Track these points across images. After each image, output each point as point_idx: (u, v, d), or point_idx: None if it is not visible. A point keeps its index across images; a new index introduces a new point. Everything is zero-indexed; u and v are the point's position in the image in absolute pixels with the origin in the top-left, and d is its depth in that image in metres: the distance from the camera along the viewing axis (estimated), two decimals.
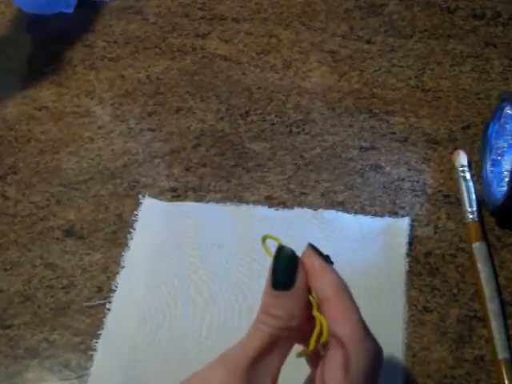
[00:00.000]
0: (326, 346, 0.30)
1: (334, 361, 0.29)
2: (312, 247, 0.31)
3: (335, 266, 0.40)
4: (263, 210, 0.47)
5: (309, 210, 0.47)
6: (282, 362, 0.30)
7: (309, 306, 0.30)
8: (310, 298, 0.30)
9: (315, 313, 0.30)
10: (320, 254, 0.31)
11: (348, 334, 0.28)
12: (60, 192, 0.50)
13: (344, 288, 0.30)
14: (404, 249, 0.44)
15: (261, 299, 0.31)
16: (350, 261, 0.44)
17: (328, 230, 0.45)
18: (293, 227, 0.46)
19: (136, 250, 0.46)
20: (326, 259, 0.31)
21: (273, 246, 0.31)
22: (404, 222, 0.46)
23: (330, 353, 0.29)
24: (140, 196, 0.48)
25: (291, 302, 0.29)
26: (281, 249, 0.30)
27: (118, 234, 0.47)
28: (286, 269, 0.30)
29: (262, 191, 0.49)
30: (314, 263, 0.30)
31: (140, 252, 0.46)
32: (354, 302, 0.30)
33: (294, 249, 0.29)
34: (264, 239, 0.31)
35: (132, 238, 0.46)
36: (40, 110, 0.55)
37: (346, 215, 0.47)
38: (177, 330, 0.42)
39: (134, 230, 0.47)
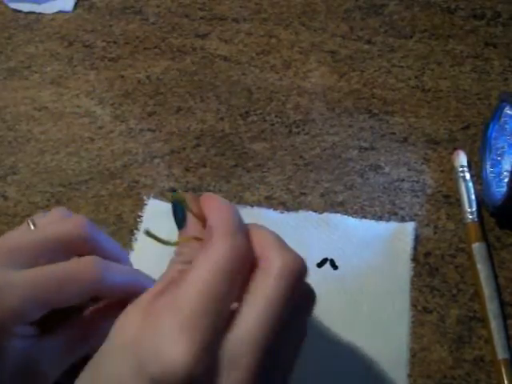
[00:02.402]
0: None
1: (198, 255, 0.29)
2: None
3: (340, 270, 0.40)
4: (267, 213, 0.47)
5: (313, 214, 0.46)
6: None
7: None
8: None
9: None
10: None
11: (216, 225, 0.30)
12: (60, 192, 0.50)
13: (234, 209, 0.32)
14: (409, 253, 0.44)
15: None
16: (355, 265, 0.44)
17: (333, 234, 0.45)
18: (297, 230, 0.45)
19: (140, 252, 0.45)
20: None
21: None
22: (409, 227, 0.45)
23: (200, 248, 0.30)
24: (145, 197, 0.48)
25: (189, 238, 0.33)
26: (173, 198, 0.33)
27: (118, 234, 0.47)
28: (176, 212, 0.34)
29: (262, 191, 0.49)
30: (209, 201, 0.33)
31: (144, 254, 0.45)
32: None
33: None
34: (147, 234, 0.32)
35: (136, 240, 0.46)
36: (40, 110, 0.55)
37: (351, 219, 0.46)
38: None
39: (138, 231, 0.47)
